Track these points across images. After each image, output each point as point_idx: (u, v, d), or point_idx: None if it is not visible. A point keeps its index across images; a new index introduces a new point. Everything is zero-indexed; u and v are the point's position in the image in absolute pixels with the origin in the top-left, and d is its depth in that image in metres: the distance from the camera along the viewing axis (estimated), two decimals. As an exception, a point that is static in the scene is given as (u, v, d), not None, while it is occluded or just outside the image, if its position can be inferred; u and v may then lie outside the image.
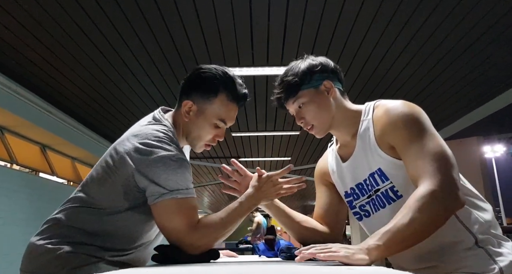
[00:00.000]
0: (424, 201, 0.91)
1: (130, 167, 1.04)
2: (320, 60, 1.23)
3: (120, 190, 1.07)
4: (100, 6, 3.20)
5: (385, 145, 1.10)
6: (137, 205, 1.09)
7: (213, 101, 1.18)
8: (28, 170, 5.67)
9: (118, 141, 1.13)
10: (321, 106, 1.19)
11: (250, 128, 6.74)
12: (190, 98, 1.19)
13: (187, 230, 1.04)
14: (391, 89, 5.07)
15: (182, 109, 1.19)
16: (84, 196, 1.11)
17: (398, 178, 1.10)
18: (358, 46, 3.95)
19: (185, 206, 1.05)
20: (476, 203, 1.11)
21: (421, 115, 1.06)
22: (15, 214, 4.69)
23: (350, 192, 1.25)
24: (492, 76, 4.65)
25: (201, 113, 1.19)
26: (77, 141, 6.29)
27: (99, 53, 3.98)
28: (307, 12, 3.37)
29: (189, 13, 3.33)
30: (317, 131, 1.23)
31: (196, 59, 4.19)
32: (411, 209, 0.91)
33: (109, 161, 1.09)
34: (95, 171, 1.13)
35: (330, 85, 1.20)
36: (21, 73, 4.42)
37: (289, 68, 1.26)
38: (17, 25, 3.45)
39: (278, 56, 4.15)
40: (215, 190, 14.14)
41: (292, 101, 1.23)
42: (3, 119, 4.92)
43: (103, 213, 1.08)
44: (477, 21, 3.47)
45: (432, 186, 0.93)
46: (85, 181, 1.15)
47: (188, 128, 1.20)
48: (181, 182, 1.05)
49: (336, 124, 1.21)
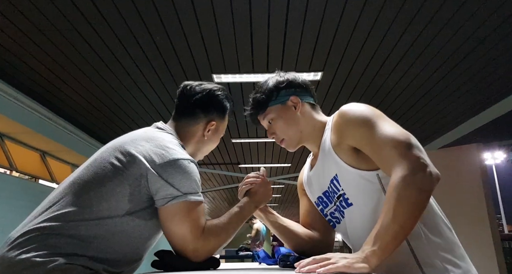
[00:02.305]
0: (398, 189, 0.90)
1: (144, 166, 1.02)
2: (288, 76, 1.28)
3: (126, 191, 1.01)
4: (101, 14, 3.22)
5: (342, 149, 1.10)
6: (138, 210, 1.04)
7: (225, 119, 1.33)
8: (28, 177, 5.66)
9: (121, 143, 1.09)
10: (288, 122, 1.23)
11: (250, 134, 6.75)
12: (211, 117, 1.27)
13: (193, 236, 1.03)
14: (390, 97, 5.08)
15: (202, 126, 1.26)
16: (75, 200, 1.01)
17: (349, 186, 1.10)
18: (357, 54, 3.96)
19: (195, 210, 1.05)
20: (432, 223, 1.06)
21: (372, 110, 1.07)
22: (14, 221, 4.65)
23: (319, 201, 1.26)
24: (492, 83, 4.66)
25: (217, 131, 1.30)
26: (77, 148, 6.29)
27: (100, 60, 4.00)
28: (307, 20, 3.39)
29: (190, 21, 3.35)
30: (287, 145, 1.28)
31: (196, 67, 4.20)
32: (390, 202, 0.90)
33: (115, 162, 1.04)
34: (91, 172, 1.05)
35: (297, 100, 1.24)
36: (22, 80, 4.43)
37: (258, 86, 1.31)
38: (18, 32, 3.47)
39: (278, 63, 4.17)
40: (215, 197, 14.11)
41: (262, 117, 1.29)
42: (3, 126, 4.93)
43: (99, 217, 1.00)
44: (475, 29, 3.49)
45: (401, 172, 0.91)
46: (73, 184, 1.05)
47: (203, 144, 1.28)
48: (193, 186, 1.06)
49: (305, 137, 1.25)
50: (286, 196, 14.48)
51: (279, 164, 9.08)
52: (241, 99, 5.16)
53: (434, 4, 3.15)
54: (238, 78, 4.51)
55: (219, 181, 11.00)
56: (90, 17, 3.25)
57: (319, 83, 4.58)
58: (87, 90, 4.73)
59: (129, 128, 4.58)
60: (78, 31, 3.45)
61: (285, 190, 12.97)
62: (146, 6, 3.13)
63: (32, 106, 4.97)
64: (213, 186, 11.65)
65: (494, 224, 3.84)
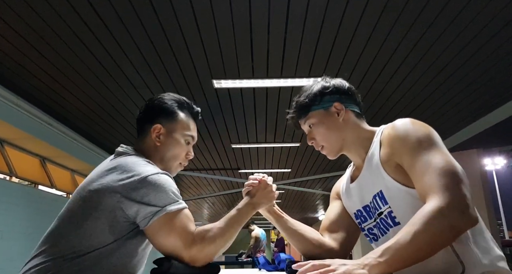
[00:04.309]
0: (429, 217, 0.86)
1: (115, 197, 1.02)
2: (334, 82, 1.25)
3: (105, 225, 1.03)
4: (102, 20, 3.23)
5: (390, 166, 1.06)
6: (120, 237, 1.05)
7: (178, 120, 1.26)
8: (27, 183, 5.65)
9: (85, 183, 1.10)
10: (330, 128, 1.20)
11: (250, 140, 6.74)
12: (157, 122, 1.24)
13: (184, 244, 1.02)
14: (390, 102, 5.09)
15: (151, 135, 1.24)
16: (54, 246, 1.03)
17: (397, 203, 1.06)
18: (356, 59, 3.97)
19: (179, 218, 1.04)
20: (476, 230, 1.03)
21: (429, 131, 1.03)
22: (13, 227, 4.65)
23: (358, 213, 1.22)
24: (492, 88, 4.67)
25: (170, 133, 1.25)
26: (77, 153, 6.29)
27: (100, 66, 4.01)
28: (306, 26, 3.40)
29: (190, 26, 3.36)
30: (327, 152, 1.24)
31: (196, 72, 4.21)
32: (415, 226, 0.86)
33: (84, 202, 1.05)
34: (65, 217, 1.08)
35: (341, 107, 1.21)
36: (22, 86, 4.44)
37: (303, 90, 1.27)
38: (18, 38, 3.48)
39: (278, 68, 4.18)
40: (214, 202, 14.07)
41: (303, 121, 1.26)
42: (3, 132, 4.92)
43: (82, 255, 1.02)
44: (475, 34, 3.51)
45: (439, 202, 0.87)
46: (51, 233, 1.08)
47: (161, 151, 1.24)
48: (170, 196, 1.05)
49: (347, 146, 1.21)
50: (286, 201, 14.44)
51: (279, 169, 9.07)
52: (241, 105, 5.17)
53: (434, 9, 3.16)
54: (238, 84, 4.51)
55: (219, 186, 10.98)
56: (90, 22, 3.27)
57: (319, 89, 4.58)
58: (87, 95, 4.73)
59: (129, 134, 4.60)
60: (79, 36, 3.47)
61: (285, 195, 12.93)
62: (146, 12, 3.15)
63: (32, 112, 4.97)
64: (213, 192, 11.62)
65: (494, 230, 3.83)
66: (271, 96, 4.91)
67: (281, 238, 9.60)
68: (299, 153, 7.51)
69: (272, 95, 4.88)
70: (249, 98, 4.96)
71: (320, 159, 7.85)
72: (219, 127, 6.04)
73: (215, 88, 4.61)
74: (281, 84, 4.50)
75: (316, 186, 10.97)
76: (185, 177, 9.43)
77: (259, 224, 10.79)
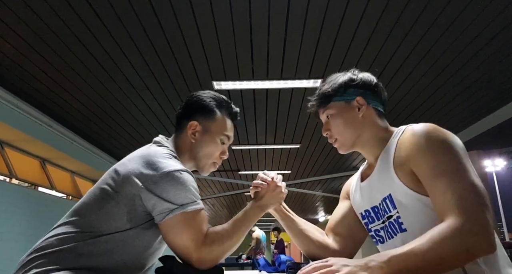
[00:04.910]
0: (446, 237, 0.82)
1: (136, 186, 1.04)
2: (362, 76, 1.19)
3: (123, 211, 1.05)
4: (102, 22, 3.23)
5: (403, 170, 1.02)
6: (137, 225, 1.07)
7: (215, 118, 1.26)
8: (27, 184, 5.64)
9: (118, 164, 1.12)
10: (347, 121, 1.15)
11: (250, 141, 6.74)
12: (194, 119, 1.24)
13: (195, 245, 1.02)
14: (390, 104, 5.08)
15: (187, 131, 1.24)
16: (77, 223, 1.06)
17: (406, 210, 1.02)
18: (356, 61, 3.98)
19: (194, 219, 1.05)
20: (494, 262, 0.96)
21: (453, 142, 0.97)
22: (13, 228, 4.65)
23: (365, 214, 1.19)
24: (492, 90, 4.67)
25: (206, 132, 1.25)
26: (77, 155, 6.28)
27: (100, 67, 4.01)
28: (306, 28, 3.40)
29: (190, 28, 3.36)
30: (339, 146, 1.20)
31: (197, 74, 4.21)
32: (430, 240, 0.82)
33: (111, 183, 1.07)
34: (92, 195, 1.10)
35: (363, 102, 1.16)
36: (22, 87, 4.44)
37: (329, 79, 1.22)
38: (18, 40, 3.48)
39: (278, 70, 4.18)
40: (215, 204, 14.06)
41: (322, 111, 1.21)
42: (3, 134, 4.92)
43: (98, 235, 1.04)
44: (474, 36, 3.51)
45: (459, 222, 0.83)
46: (77, 207, 1.11)
47: (195, 149, 1.25)
48: (189, 195, 1.06)
49: (361, 143, 1.17)
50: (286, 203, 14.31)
51: (279, 171, 9.07)
52: (241, 106, 5.16)
53: (434, 10, 3.17)
54: (238, 85, 4.52)
55: (219, 188, 10.97)
56: (90, 24, 3.27)
57: (319, 90, 4.58)
58: (87, 97, 4.73)
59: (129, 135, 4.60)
60: (79, 38, 3.47)
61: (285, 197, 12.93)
62: (147, 13, 3.15)
63: (32, 114, 4.97)
64: (213, 193, 11.61)
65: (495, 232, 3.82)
66: (271, 98, 4.91)
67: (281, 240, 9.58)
68: (299, 155, 7.51)
69: (272, 97, 4.88)
70: (249, 99, 4.96)
71: (320, 160, 7.84)
72: (219, 128, 6.02)
73: (215, 89, 4.61)
74: (281, 85, 4.51)
75: (316, 187, 10.95)
76: (185, 179, 9.40)
77: (260, 225, 10.77)
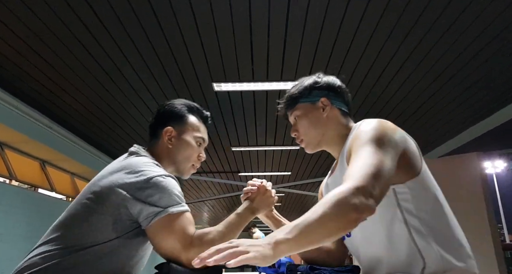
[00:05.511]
0: (337, 197, 0.84)
1: (121, 195, 1.06)
2: (326, 79, 1.27)
3: (109, 222, 1.06)
4: (101, 21, 3.24)
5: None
6: (122, 234, 1.08)
7: (188, 122, 1.32)
8: (27, 186, 5.64)
9: (97, 178, 1.14)
10: (312, 121, 1.24)
11: (250, 143, 6.74)
12: (166, 125, 1.29)
13: (182, 246, 1.03)
14: (390, 106, 5.09)
15: (163, 138, 1.28)
16: (62, 239, 1.06)
17: None
18: (356, 62, 3.98)
19: (180, 220, 1.06)
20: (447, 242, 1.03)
21: (384, 131, 1.01)
22: (13, 230, 4.64)
23: None
24: (492, 91, 4.67)
25: (181, 135, 1.30)
26: (77, 156, 6.28)
27: (100, 68, 4.01)
28: (306, 29, 3.41)
29: (190, 29, 3.37)
30: (305, 145, 1.28)
31: (196, 75, 4.22)
32: (322, 203, 0.84)
33: (92, 197, 1.09)
34: (73, 210, 1.11)
35: (327, 102, 1.24)
36: (22, 89, 4.44)
37: (296, 83, 1.31)
38: (18, 41, 3.49)
39: (278, 71, 4.18)
40: (214, 205, 14.05)
41: (290, 113, 1.30)
42: (3, 135, 4.92)
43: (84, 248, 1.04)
44: (475, 37, 3.51)
45: (350, 185, 0.86)
46: (58, 224, 1.11)
47: (173, 153, 1.28)
48: (174, 198, 1.08)
49: (326, 141, 1.24)
50: (286, 204, 14.43)
51: (279, 172, 9.06)
52: (241, 108, 5.17)
53: (435, 11, 3.17)
54: (238, 87, 4.52)
55: (219, 190, 10.97)
56: (90, 25, 3.27)
57: (319, 92, 4.59)
58: (87, 98, 4.74)
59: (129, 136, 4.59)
60: (78, 39, 3.47)
61: (285, 198, 12.93)
62: (146, 14, 3.16)
63: (32, 115, 4.97)
64: (213, 194, 11.60)
65: (495, 234, 3.81)
66: (271, 99, 4.92)
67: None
68: (299, 156, 7.51)
69: (272, 98, 4.88)
70: (249, 101, 4.96)
71: (320, 162, 7.84)
72: (219, 130, 6.04)
73: (215, 91, 4.61)
74: (281, 87, 4.51)
75: (316, 189, 10.95)
76: (185, 180, 9.41)
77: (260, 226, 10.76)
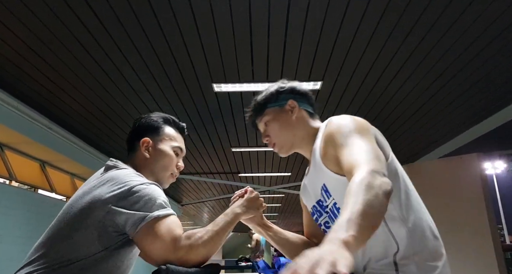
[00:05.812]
0: (364, 183, 0.84)
1: (106, 207, 1.06)
2: (290, 83, 1.33)
3: (94, 236, 1.06)
4: (101, 22, 3.24)
5: (328, 159, 1.10)
6: (108, 247, 1.09)
7: (164, 132, 1.35)
8: (27, 187, 5.64)
9: (78, 195, 1.15)
10: (282, 124, 1.27)
11: (250, 143, 6.74)
12: (142, 137, 1.32)
13: (172, 246, 1.03)
14: (390, 106, 5.09)
15: (141, 149, 1.30)
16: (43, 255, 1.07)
17: (340, 195, 1.07)
18: (356, 63, 3.98)
19: (166, 223, 1.07)
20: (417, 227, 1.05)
21: (359, 122, 1.07)
22: (13, 231, 4.64)
23: (313, 210, 1.25)
24: (492, 92, 4.67)
25: (158, 145, 1.32)
26: (77, 157, 6.28)
27: (100, 69, 4.01)
28: (306, 30, 3.41)
29: (190, 30, 3.37)
30: (279, 149, 1.30)
31: (196, 76, 4.22)
32: (355, 193, 0.82)
33: (75, 212, 1.10)
34: (55, 229, 1.12)
35: (294, 104, 1.28)
36: (22, 90, 4.44)
37: (261, 91, 1.37)
38: (18, 42, 3.49)
39: (278, 72, 4.18)
40: (214, 206, 14.04)
41: (259, 119, 1.34)
42: (3, 136, 4.92)
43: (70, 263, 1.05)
44: (475, 37, 3.51)
45: (366, 169, 0.88)
46: (40, 243, 1.11)
47: (152, 163, 1.30)
48: (159, 203, 1.09)
49: (298, 143, 1.27)
50: (286, 205, 14.41)
51: (279, 173, 9.06)
52: (241, 109, 5.16)
53: (435, 11, 3.17)
54: (238, 88, 4.52)
55: (219, 190, 10.96)
56: (89, 25, 3.27)
57: (318, 93, 4.59)
58: (87, 99, 4.74)
59: (129, 138, 4.37)
60: (78, 39, 3.47)
61: (285, 199, 12.91)
62: (146, 15, 3.16)
63: (32, 116, 4.97)
64: (213, 195, 11.60)
65: (495, 235, 3.81)
66: (271, 100, 4.91)
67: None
68: (299, 157, 7.50)
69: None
70: (249, 102, 4.93)
71: (320, 162, 7.81)
72: (219, 131, 6.04)
73: (215, 92, 4.61)
74: (281, 88, 4.50)
75: (316, 189, 10.94)
76: (185, 181, 9.41)
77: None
